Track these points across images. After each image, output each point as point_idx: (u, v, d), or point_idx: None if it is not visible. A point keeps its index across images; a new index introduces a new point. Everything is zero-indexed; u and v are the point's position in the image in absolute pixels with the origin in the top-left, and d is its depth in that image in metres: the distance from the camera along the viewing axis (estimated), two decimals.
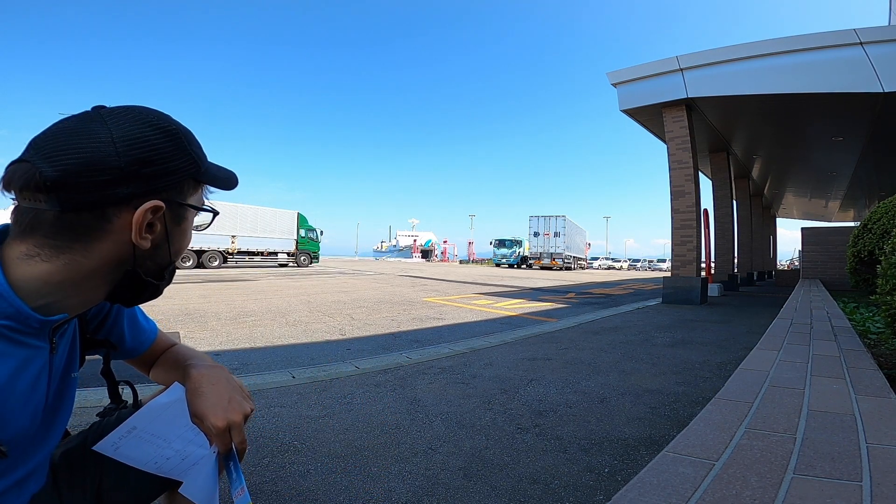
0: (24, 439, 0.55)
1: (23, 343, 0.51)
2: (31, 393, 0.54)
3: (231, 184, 0.66)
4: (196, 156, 0.58)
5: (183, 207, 0.58)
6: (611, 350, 3.57)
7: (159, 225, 0.54)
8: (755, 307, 7.09)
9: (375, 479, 1.45)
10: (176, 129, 0.56)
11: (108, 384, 0.75)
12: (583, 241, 39.86)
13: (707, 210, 10.64)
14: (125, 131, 0.51)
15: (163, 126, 0.55)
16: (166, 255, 0.59)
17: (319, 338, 4.24)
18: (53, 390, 0.60)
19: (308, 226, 22.28)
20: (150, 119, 0.54)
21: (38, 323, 0.52)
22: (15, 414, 0.51)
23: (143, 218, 0.51)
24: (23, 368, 0.52)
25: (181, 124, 0.59)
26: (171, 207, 0.55)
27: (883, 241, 4.01)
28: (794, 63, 6.85)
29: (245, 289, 9.05)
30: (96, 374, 0.73)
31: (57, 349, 0.59)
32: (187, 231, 0.61)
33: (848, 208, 20.56)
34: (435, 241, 66.15)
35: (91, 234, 0.50)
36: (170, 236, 0.57)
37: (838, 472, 1.04)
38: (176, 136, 0.56)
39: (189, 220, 0.61)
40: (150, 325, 0.81)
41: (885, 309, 2.42)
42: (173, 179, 0.55)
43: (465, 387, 2.51)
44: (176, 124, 0.57)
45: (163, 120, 0.56)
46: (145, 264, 0.57)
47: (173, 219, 0.57)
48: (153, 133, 0.53)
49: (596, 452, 1.67)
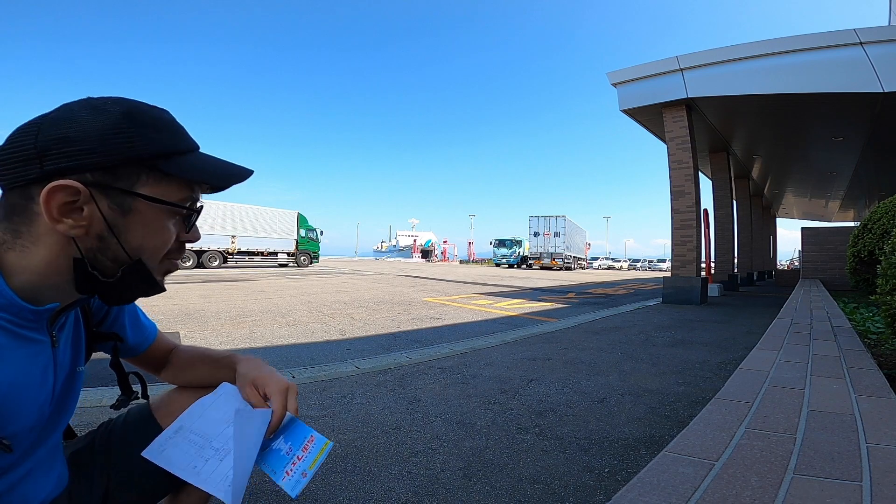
0: (30, 433, 0.55)
1: (23, 336, 0.51)
2: (39, 388, 0.54)
3: (222, 181, 0.58)
4: (152, 139, 0.52)
5: (128, 195, 0.51)
6: (611, 350, 3.57)
7: (86, 210, 0.50)
8: (755, 307, 7.09)
9: (375, 479, 1.45)
10: (124, 109, 0.51)
11: (118, 376, 0.75)
12: (583, 241, 39.86)
13: (707, 210, 10.64)
14: (62, 111, 0.50)
15: (105, 107, 0.51)
16: (118, 249, 0.53)
17: (319, 338, 4.24)
18: (60, 384, 0.60)
19: (308, 226, 22.28)
20: (97, 101, 0.51)
21: (31, 314, 0.51)
22: (22, 409, 0.51)
23: (50, 198, 0.47)
24: (28, 363, 0.52)
25: (147, 107, 0.54)
26: (107, 193, 0.50)
27: (883, 241, 4.01)
28: (794, 63, 6.85)
29: (245, 289, 9.05)
30: (97, 374, 0.73)
31: (58, 343, 0.58)
32: (150, 226, 0.54)
33: (848, 208, 20.56)
34: (435, 241, 66.16)
35: (25, 214, 0.49)
36: (113, 227, 0.51)
37: (838, 472, 1.04)
38: (115, 116, 0.50)
39: (147, 214, 0.53)
40: (150, 323, 0.82)
41: (885, 309, 2.42)
42: (99, 160, 0.49)
43: (465, 387, 2.51)
44: (131, 105, 0.52)
45: (114, 103, 0.52)
46: (96, 257, 0.52)
47: (115, 207, 0.51)
48: (87, 112, 0.50)
49: (596, 452, 1.67)
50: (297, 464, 0.64)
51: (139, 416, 0.79)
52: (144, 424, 0.77)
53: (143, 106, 0.54)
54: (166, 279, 0.62)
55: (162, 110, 0.56)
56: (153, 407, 0.80)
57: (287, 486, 0.62)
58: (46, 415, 0.57)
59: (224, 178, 0.59)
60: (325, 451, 0.66)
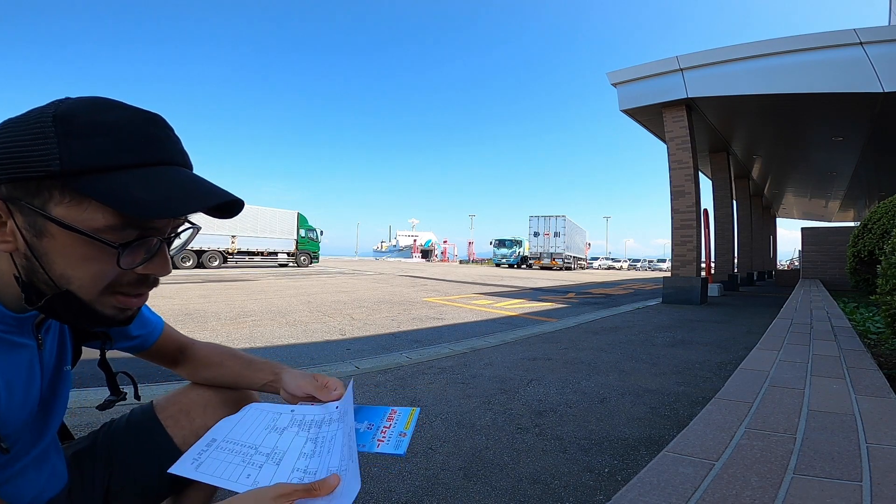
0: (19, 435, 0.55)
1: (7, 341, 0.51)
2: (25, 391, 0.54)
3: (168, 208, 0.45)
4: (75, 150, 0.42)
5: (39, 216, 0.43)
6: (611, 350, 3.57)
7: (9, 226, 0.45)
8: (755, 307, 7.09)
9: (375, 479, 1.45)
10: (60, 112, 0.43)
11: (107, 376, 0.73)
12: (583, 241, 39.86)
13: (707, 210, 10.64)
14: (16, 116, 0.45)
15: (44, 110, 0.44)
16: (42, 273, 0.46)
17: (319, 338, 4.24)
18: (46, 385, 0.59)
19: (308, 226, 22.28)
20: (48, 105, 0.45)
21: (13, 320, 0.51)
22: (13, 412, 0.51)
23: None
24: (13, 367, 0.52)
25: (97, 108, 0.45)
26: (21, 210, 0.44)
27: (883, 241, 4.01)
28: (794, 63, 6.85)
29: (245, 289, 9.05)
30: (97, 375, 0.73)
31: (44, 344, 0.58)
32: (68, 255, 0.45)
33: (848, 208, 20.56)
34: (435, 241, 66.16)
35: None
36: (32, 249, 0.45)
37: (838, 472, 1.04)
38: (46, 120, 0.42)
39: (63, 240, 0.44)
40: (156, 317, 0.80)
41: (885, 309, 2.42)
42: (11, 172, 0.42)
43: (464, 387, 2.51)
44: (75, 107, 0.44)
45: (57, 105, 0.44)
46: (31, 278, 0.47)
47: (29, 228, 0.44)
48: (23, 115, 0.44)
49: (596, 452, 1.67)
50: (388, 430, 0.65)
51: (142, 417, 0.79)
52: (148, 425, 0.77)
53: (94, 107, 0.45)
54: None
55: (129, 112, 0.46)
56: (157, 408, 0.80)
57: (387, 449, 0.63)
58: (34, 417, 0.57)
59: (169, 205, 0.45)
60: (413, 415, 0.68)
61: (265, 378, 0.79)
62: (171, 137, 0.49)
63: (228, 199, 0.48)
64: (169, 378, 2.51)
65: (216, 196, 0.48)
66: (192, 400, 0.80)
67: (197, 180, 0.49)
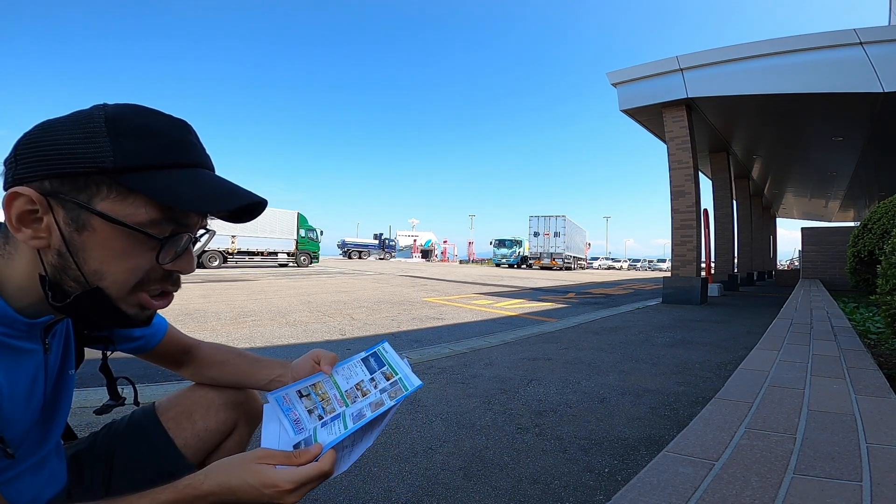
0: (22, 439, 0.55)
1: (15, 347, 0.51)
2: (30, 395, 0.54)
3: (203, 205, 0.49)
4: (125, 149, 0.46)
5: (83, 210, 0.46)
6: (611, 350, 3.57)
7: (45, 221, 0.46)
8: (755, 307, 7.09)
9: (375, 479, 1.45)
10: (108, 114, 0.47)
11: (107, 380, 0.74)
12: (583, 241, 39.85)
13: (707, 210, 10.63)
14: (62, 116, 0.48)
15: (93, 112, 0.47)
16: (74, 270, 0.48)
17: (319, 338, 4.23)
18: (50, 389, 0.60)
19: (308, 226, 22.28)
20: (94, 107, 0.48)
21: (24, 326, 0.51)
22: (16, 416, 0.51)
23: (7, 205, 0.45)
24: (18, 372, 0.52)
25: (141, 114, 0.49)
26: (64, 205, 0.46)
27: (883, 241, 4.01)
28: (794, 63, 6.85)
29: (245, 289, 9.04)
30: (96, 375, 0.73)
31: (51, 349, 0.58)
32: (109, 248, 0.48)
33: (848, 208, 20.56)
34: (435, 241, 66.12)
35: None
36: (69, 244, 0.47)
37: (838, 472, 1.04)
38: (96, 122, 0.46)
39: (106, 234, 0.47)
40: (159, 318, 0.79)
41: (885, 309, 2.42)
42: (58, 168, 0.45)
43: (465, 387, 2.51)
44: (120, 111, 0.48)
45: (105, 108, 0.48)
46: (59, 276, 0.48)
47: (69, 222, 0.46)
48: (71, 117, 0.47)
49: (596, 452, 1.67)
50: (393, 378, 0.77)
51: (144, 419, 0.78)
52: (150, 427, 0.77)
53: (137, 112, 0.49)
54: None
55: (166, 119, 0.51)
56: (159, 410, 0.79)
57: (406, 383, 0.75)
58: (37, 421, 0.57)
59: (210, 201, 0.50)
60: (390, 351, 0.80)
61: (273, 373, 0.80)
62: (199, 142, 0.54)
63: (256, 199, 0.53)
64: (170, 378, 2.50)
65: (246, 196, 0.52)
66: (195, 402, 0.80)
67: (226, 181, 0.54)
